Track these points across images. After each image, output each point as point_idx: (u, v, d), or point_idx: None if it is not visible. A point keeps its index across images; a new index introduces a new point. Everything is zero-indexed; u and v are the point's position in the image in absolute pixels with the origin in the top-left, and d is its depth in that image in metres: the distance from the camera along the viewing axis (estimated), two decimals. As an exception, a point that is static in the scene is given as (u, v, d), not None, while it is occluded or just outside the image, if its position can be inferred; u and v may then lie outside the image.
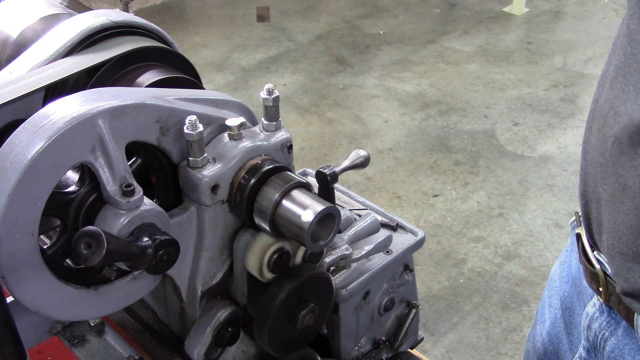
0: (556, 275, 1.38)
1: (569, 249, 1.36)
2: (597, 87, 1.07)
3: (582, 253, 1.16)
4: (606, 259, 1.08)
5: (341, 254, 1.16)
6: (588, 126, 1.08)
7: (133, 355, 1.23)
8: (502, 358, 2.98)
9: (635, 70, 0.92)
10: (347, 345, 1.27)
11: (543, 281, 3.32)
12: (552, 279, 1.40)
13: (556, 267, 1.40)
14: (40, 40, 1.15)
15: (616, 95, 0.96)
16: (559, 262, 1.39)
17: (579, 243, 1.17)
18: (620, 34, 0.99)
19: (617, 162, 0.95)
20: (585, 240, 1.15)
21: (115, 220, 0.94)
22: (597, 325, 1.16)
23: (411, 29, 5.53)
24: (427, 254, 3.44)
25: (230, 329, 1.12)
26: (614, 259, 1.02)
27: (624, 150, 0.93)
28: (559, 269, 1.38)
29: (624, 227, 0.97)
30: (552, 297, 1.39)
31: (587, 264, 1.14)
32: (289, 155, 1.12)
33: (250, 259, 1.07)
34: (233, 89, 4.76)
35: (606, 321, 1.14)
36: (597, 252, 1.12)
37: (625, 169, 0.94)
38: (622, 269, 1.00)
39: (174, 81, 1.13)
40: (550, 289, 1.41)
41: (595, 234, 1.09)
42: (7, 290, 0.92)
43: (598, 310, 1.16)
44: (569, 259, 1.34)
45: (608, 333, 1.14)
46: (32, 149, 0.88)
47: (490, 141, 4.19)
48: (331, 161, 4.04)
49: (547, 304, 1.41)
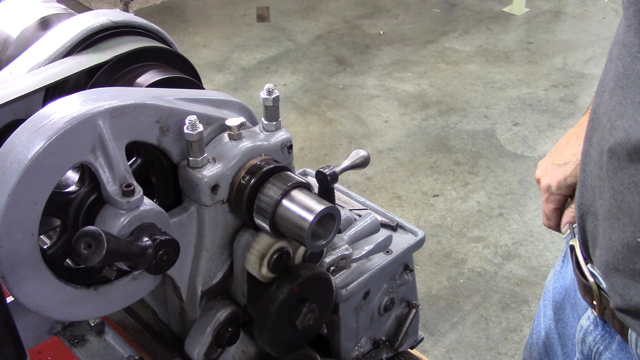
0: (550, 286, 1.37)
1: (564, 260, 1.35)
2: (595, 95, 1.05)
3: (576, 265, 1.14)
4: (600, 274, 1.06)
5: (341, 254, 1.16)
6: (587, 137, 1.06)
7: (133, 355, 1.23)
8: (502, 358, 2.98)
9: (633, 83, 0.89)
10: (347, 345, 1.27)
11: (543, 281, 3.31)
12: (547, 289, 1.40)
13: (550, 277, 1.39)
14: (40, 40, 1.15)
15: (613, 108, 0.94)
16: (553, 272, 1.38)
17: (573, 255, 1.15)
18: (616, 42, 0.97)
19: (614, 178, 0.93)
20: (579, 252, 1.13)
21: (115, 220, 0.94)
22: (592, 338, 1.15)
23: (411, 29, 5.53)
24: (427, 254, 3.44)
25: (230, 329, 1.13)
26: (608, 275, 1.00)
27: (622, 166, 0.91)
28: (553, 279, 1.37)
29: (619, 244, 0.95)
30: (546, 307, 1.38)
31: (580, 277, 1.12)
32: (289, 155, 1.12)
33: (251, 259, 1.07)
34: (233, 89, 4.76)
35: (600, 335, 1.13)
36: (590, 265, 1.10)
37: (623, 185, 0.91)
38: (617, 285, 0.98)
39: (174, 81, 1.13)
40: (545, 299, 1.40)
41: (590, 247, 1.07)
42: (7, 290, 0.92)
43: (592, 324, 1.15)
44: (563, 269, 1.33)
45: (602, 347, 1.13)
46: (32, 149, 0.88)
47: (490, 141, 4.19)
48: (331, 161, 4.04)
49: (543, 313, 1.40)
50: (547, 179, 1.29)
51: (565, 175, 1.26)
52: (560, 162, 1.29)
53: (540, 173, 1.34)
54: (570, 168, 1.26)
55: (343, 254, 1.16)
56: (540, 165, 1.36)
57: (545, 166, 1.32)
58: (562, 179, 1.26)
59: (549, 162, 1.32)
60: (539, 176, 1.34)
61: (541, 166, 1.34)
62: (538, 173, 1.35)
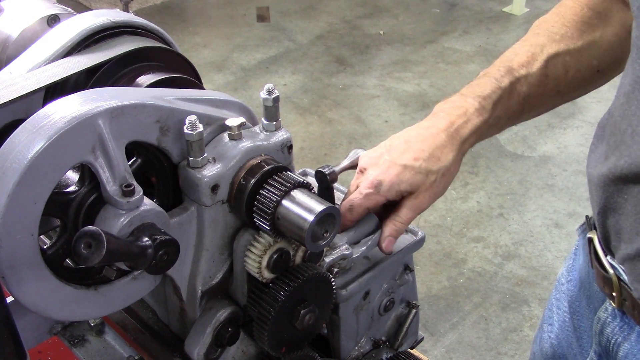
0: (564, 278, 1.37)
1: (576, 252, 1.35)
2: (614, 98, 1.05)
3: (595, 257, 1.15)
4: (622, 266, 1.07)
5: (341, 254, 1.15)
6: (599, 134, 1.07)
7: (133, 355, 1.23)
8: (502, 358, 2.98)
9: None
10: (347, 345, 1.27)
11: (543, 281, 3.32)
12: (560, 282, 1.40)
13: (563, 269, 1.39)
14: (40, 40, 1.15)
15: (634, 113, 0.95)
16: (567, 265, 1.38)
17: (591, 247, 1.16)
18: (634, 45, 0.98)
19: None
20: (597, 245, 1.14)
21: (115, 220, 0.94)
22: (610, 330, 1.15)
23: (411, 29, 5.53)
24: (427, 254, 3.44)
25: (230, 329, 1.13)
26: (634, 267, 1.01)
27: None
28: (567, 272, 1.37)
29: None
30: (560, 300, 1.38)
31: (599, 269, 1.13)
32: (289, 155, 1.12)
33: (250, 260, 1.07)
34: (233, 89, 4.76)
35: (619, 326, 1.13)
36: (610, 257, 1.11)
37: None
38: None
39: (174, 81, 1.13)
40: (558, 292, 1.40)
41: (613, 241, 1.08)
42: (7, 290, 0.92)
43: (610, 315, 1.15)
44: (577, 262, 1.33)
45: (621, 338, 1.13)
46: (32, 149, 0.88)
47: (490, 141, 4.19)
48: (331, 161, 4.04)
49: (555, 306, 1.40)
50: (382, 176, 1.14)
51: (403, 180, 1.14)
52: (404, 162, 1.15)
53: (372, 163, 1.17)
54: (408, 174, 1.14)
55: (343, 253, 1.16)
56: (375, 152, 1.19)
57: (384, 160, 1.16)
58: (396, 182, 1.14)
59: (392, 157, 1.16)
60: (367, 165, 1.18)
61: (376, 156, 1.18)
62: (366, 162, 1.18)
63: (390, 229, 1.17)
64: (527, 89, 1.22)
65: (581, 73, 1.26)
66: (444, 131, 1.17)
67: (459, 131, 1.18)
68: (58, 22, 1.23)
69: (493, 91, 1.20)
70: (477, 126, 1.19)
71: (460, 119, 1.18)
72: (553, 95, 1.28)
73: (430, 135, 1.18)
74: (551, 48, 1.23)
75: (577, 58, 1.24)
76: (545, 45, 1.23)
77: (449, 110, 1.20)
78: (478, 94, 1.20)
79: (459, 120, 1.18)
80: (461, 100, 1.21)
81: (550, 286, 3.25)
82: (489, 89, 1.21)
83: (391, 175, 1.14)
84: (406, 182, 1.14)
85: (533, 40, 1.25)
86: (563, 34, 1.24)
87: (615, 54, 1.21)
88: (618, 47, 1.13)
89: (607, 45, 1.24)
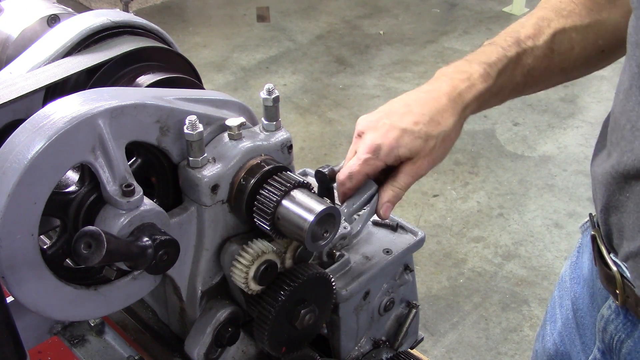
0: (567, 276, 1.37)
1: (579, 250, 1.35)
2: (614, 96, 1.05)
3: (598, 255, 1.15)
4: (625, 263, 1.07)
5: (340, 234, 1.13)
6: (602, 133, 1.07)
7: (133, 355, 1.23)
8: (502, 358, 2.98)
9: None
10: (347, 345, 1.27)
11: (543, 281, 3.32)
12: (563, 280, 1.40)
13: (567, 267, 1.39)
14: (40, 40, 1.15)
15: (632, 109, 0.94)
16: (570, 263, 1.38)
17: (594, 245, 1.16)
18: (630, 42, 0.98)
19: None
20: (600, 243, 1.13)
21: (115, 220, 0.94)
22: (613, 327, 1.15)
23: (411, 29, 5.53)
24: (427, 254, 3.44)
25: (230, 329, 1.13)
26: (637, 264, 1.02)
27: None
28: (570, 269, 1.37)
29: None
30: (563, 297, 1.38)
31: (603, 267, 1.12)
32: (289, 155, 1.12)
33: (237, 271, 1.06)
34: (233, 89, 4.76)
35: (622, 323, 1.13)
36: (613, 255, 1.11)
37: None
38: None
39: (174, 81, 1.13)
40: (561, 290, 1.40)
41: (616, 239, 1.08)
42: (7, 290, 0.92)
43: (614, 313, 1.15)
44: (580, 260, 1.33)
45: (624, 335, 1.13)
46: (32, 149, 0.88)
47: (490, 141, 4.19)
48: (331, 161, 4.04)
49: (558, 304, 1.40)
50: (381, 139, 1.11)
51: (402, 144, 1.11)
52: (404, 126, 1.12)
53: (370, 127, 1.14)
54: (408, 138, 1.11)
55: (342, 233, 1.14)
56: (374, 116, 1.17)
57: (383, 123, 1.13)
58: (395, 146, 1.11)
59: (391, 120, 1.13)
60: (364, 129, 1.15)
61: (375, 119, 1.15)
62: (364, 125, 1.15)
63: (388, 195, 1.15)
64: (533, 61, 1.20)
65: (586, 51, 1.24)
66: (446, 95, 1.15)
67: (461, 95, 1.15)
68: (58, 22, 1.23)
69: (499, 59, 1.18)
70: (481, 92, 1.16)
71: (464, 84, 1.16)
72: (557, 72, 1.26)
73: (432, 98, 1.15)
74: (558, 23, 1.21)
75: (584, 35, 1.22)
76: (553, 20, 1.22)
77: (452, 75, 1.18)
78: (483, 61, 1.18)
79: (462, 85, 1.16)
80: (466, 65, 1.18)
81: (550, 286, 3.25)
82: (494, 56, 1.18)
83: (390, 139, 1.11)
84: (405, 147, 1.12)
85: (540, 14, 1.24)
86: (570, 10, 1.22)
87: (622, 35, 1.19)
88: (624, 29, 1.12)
89: (613, 26, 1.22)
